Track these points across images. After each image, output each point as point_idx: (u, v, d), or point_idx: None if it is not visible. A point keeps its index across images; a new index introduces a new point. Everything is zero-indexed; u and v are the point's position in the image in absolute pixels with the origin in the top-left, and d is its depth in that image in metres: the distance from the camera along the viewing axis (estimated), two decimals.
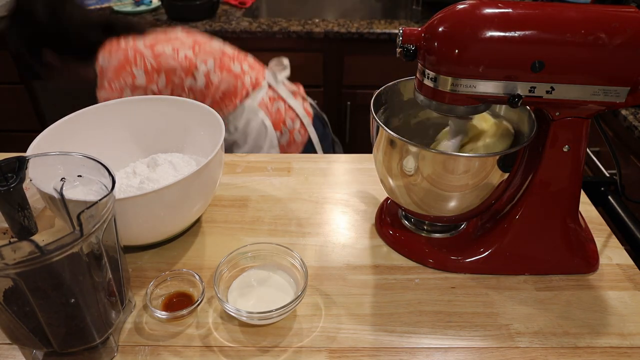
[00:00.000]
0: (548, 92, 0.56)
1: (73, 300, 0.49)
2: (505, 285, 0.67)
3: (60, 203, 0.56)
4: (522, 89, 0.56)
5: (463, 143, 0.67)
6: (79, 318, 0.51)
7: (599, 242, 0.73)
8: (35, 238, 0.48)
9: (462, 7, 0.55)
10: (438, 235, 0.73)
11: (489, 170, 0.60)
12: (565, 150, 0.62)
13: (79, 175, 0.57)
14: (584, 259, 0.69)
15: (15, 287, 0.46)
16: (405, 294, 0.66)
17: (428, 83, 0.58)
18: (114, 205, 0.53)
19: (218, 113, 0.75)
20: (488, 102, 0.58)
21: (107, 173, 0.54)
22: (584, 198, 0.83)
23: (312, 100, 1.41)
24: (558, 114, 0.60)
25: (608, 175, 0.93)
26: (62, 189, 0.57)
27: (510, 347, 0.59)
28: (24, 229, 0.56)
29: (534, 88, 0.56)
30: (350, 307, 0.64)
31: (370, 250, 0.73)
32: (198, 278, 0.64)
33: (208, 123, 0.76)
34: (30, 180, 0.55)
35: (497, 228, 0.69)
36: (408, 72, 0.67)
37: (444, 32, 0.55)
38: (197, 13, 1.85)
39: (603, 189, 0.84)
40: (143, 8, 1.94)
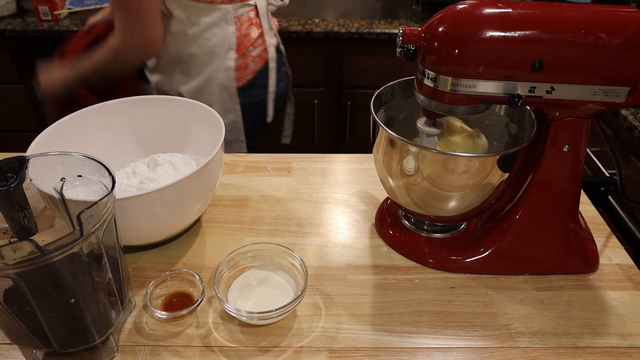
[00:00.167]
0: (548, 92, 0.56)
1: (73, 300, 0.49)
2: (505, 285, 0.67)
3: (60, 203, 0.56)
4: (522, 89, 0.56)
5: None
6: (79, 318, 0.51)
7: (599, 242, 0.73)
8: (35, 238, 0.48)
9: (462, 7, 0.55)
10: (438, 235, 0.73)
11: (489, 170, 0.60)
12: (565, 150, 0.62)
13: (79, 175, 0.57)
14: (584, 259, 0.69)
15: (15, 287, 0.46)
16: (405, 294, 0.66)
17: (428, 83, 0.58)
18: (114, 205, 0.53)
19: None
20: (488, 102, 0.58)
21: (107, 173, 0.54)
22: (584, 198, 0.83)
23: (282, 46, 1.33)
24: (558, 114, 0.60)
25: (608, 175, 0.93)
26: (62, 189, 0.57)
27: (510, 347, 0.59)
28: (24, 229, 0.56)
29: (534, 88, 0.56)
30: (350, 307, 0.64)
31: (370, 250, 0.73)
32: (198, 278, 0.64)
33: (208, 123, 0.76)
34: (30, 180, 0.55)
35: (497, 228, 0.69)
36: (408, 72, 0.67)
37: (444, 32, 0.55)
38: None
39: (603, 189, 0.84)
40: None
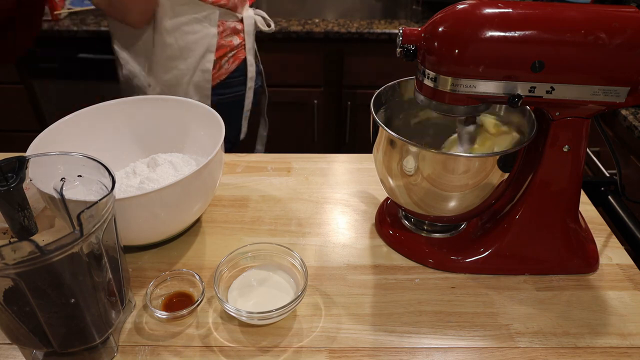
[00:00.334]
0: (548, 92, 0.56)
1: (73, 300, 0.49)
2: (505, 285, 0.67)
3: (60, 203, 0.56)
4: (522, 89, 0.56)
5: (473, 149, 0.67)
6: (79, 318, 0.51)
7: (599, 242, 0.73)
8: (35, 238, 0.48)
9: (462, 7, 0.55)
10: (438, 235, 0.73)
11: (489, 170, 0.60)
12: (565, 150, 0.62)
13: (79, 175, 0.57)
14: (584, 259, 0.69)
15: (15, 287, 0.46)
16: (405, 294, 0.66)
17: (428, 83, 0.58)
18: (114, 205, 0.53)
19: None
20: (488, 102, 0.58)
21: (107, 173, 0.54)
22: (584, 198, 0.83)
23: (262, 67, 1.32)
24: (558, 114, 0.60)
25: (608, 175, 0.93)
26: (62, 189, 0.57)
27: (510, 347, 0.59)
28: (24, 229, 0.56)
29: (534, 88, 0.56)
30: (350, 307, 0.64)
31: (370, 250, 0.73)
32: (198, 278, 0.64)
33: (208, 123, 0.76)
34: (30, 180, 0.55)
35: (497, 228, 0.69)
36: (408, 72, 0.67)
37: (444, 32, 0.55)
38: None
39: (603, 189, 0.84)
40: None
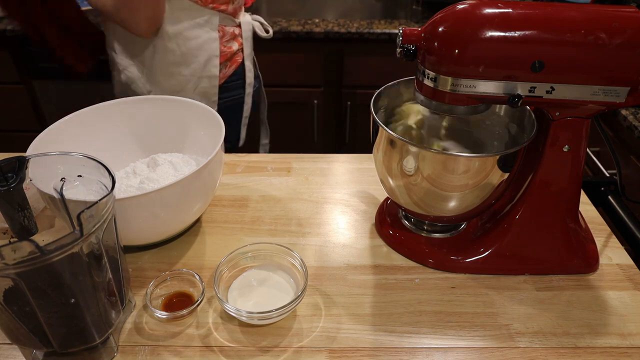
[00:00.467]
0: (548, 92, 0.56)
1: (73, 300, 0.49)
2: (505, 285, 0.67)
3: (60, 203, 0.56)
4: (522, 89, 0.56)
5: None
6: (79, 318, 0.51)
7: (599, 242, 0.73)
8: (35, 238, 0.48)
9: (462, 7, 0.55)
10: (438, 235, 0.73)
11: (489, 170, 0.60)
12: (565, 150, 0.62)
13: (79, 175, 0.57)
14: (584, 259, 0.69)
15: (15, 287, 0.46)
16: (405, 294, 0.66)
17: (428, 83, 0.58)
18: (114, 205, 0.53)
19: None
20: (488, 102, 0.58)
21: (107, 173, 0.54)
22: (584, 198, 0.83)
23: (259, 73, 1.36)
24: (558, 114, 0.60)
25: (608, 175, 0.93)
26: (62, 189, 0.57)
27: (510, 347, 0.59)
28: (24, 229, 0.56)
29: (534, 88, 0.56)
30: (350, 307, 0.64)
31: (370, 250, 0.73)
32: (198, 278, 0.64)
33: (208, 123, 0.76)
34: (30, 180, 0.55)
35: (497, 228, 0.69)
36: (408, 72, 0.67)
37: (444, 32, 0.55)
38: None
39: (603, 189, 0.84)
40: None
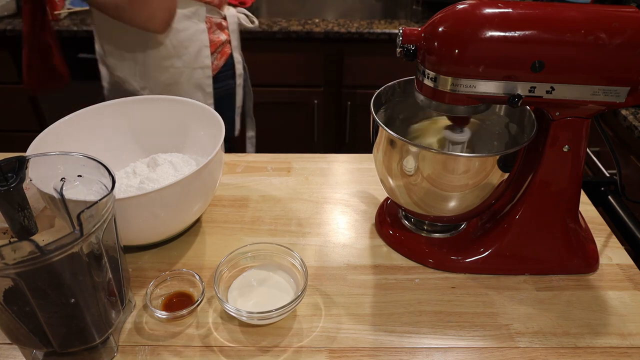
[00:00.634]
0: (548, 92, 0.56)
1: (73, 300, 0.49)
2: (505, 285, 0.67)
3: (60, 203, 0.56)
4: (522, 89, 0.56)
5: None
6: (79, 318, 0.51)
7: (599, 242, 0.73)
8: (35, 238, 0.48)
9: (462, 7, 0.55)
10: (438, 235, 0.73)
11: (489, 170, 0.60)
12: (565, 150, 0.62)
13: (79, 175, 0.57)
14: (584, 259, 0.69)
15: (15, 287, 0.46)
16: (405, 294, 0.66)
17: (428, 83, 0.58)
18: (114, 205, 0.53)
19: None
20: (488, 102, 0.58)
21: (107, 173, 0.54)
22: (584, 198, 0.83)
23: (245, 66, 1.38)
24: (558, 114, 0.60)
25: (608, 175, 0.93)
26: (62, 189, 0.57)
27: (510, 347, 0.59)
28: (24, 229, 0.56)
29: (534, 88, 0.56)
30: (350, 307, 0.64)
31: (370, 250, 0.73)
32: (198, 278, 0.64)
33: (208, 123, 0.76)
34: (30, 180, 0.55)
35: (497, 228, 0.69)
36: (408, 72, 0.67)
37: (444, 32, 0.55)
38: None
39: (603, 189, 0.84)
40: None
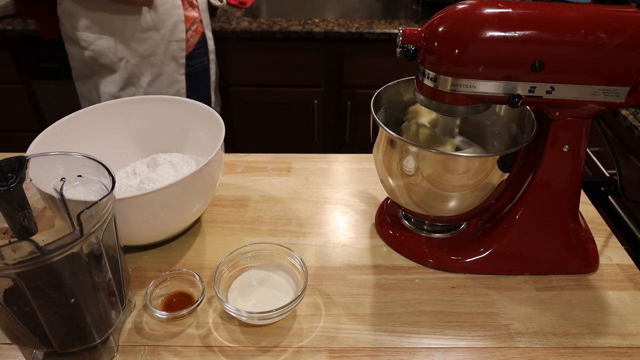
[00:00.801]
0: (548, 92, 0.56)
1: (73, 300, 0.49)
2: (505, 285, 0.67)
3: (60, 203, 0.56)
4: (522, 89, 0.56)
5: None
6: (79, 318, 0.51)
7: (599, 242, 0.73)
8: (35, 238, 0.48)
9: (462, 7, 0.55)
10: (438, 235, 0.73)
11: (489, 170, 0.60)
12: (565, 150, 0.62)
13: (79, 175, 0.57)
14: (584, 259, 0.69)
15: (15, 287, 0.46)
16: (405, 294, 0.66)
17: (428, 83, 0.58)
18: (114, 205, 0.53)
19: None
20: (488, 102, 0.58)
21: (107, 173, 0.54)
22: (584, 198, 0.83)
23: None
24: (558, 114, 0.60)
25: (608, 175, 0.93)
26: (62, 189, 0.57)
27: (510, 347, 0.59)
28: (24, 229, 0.56)
29: (534, 88, 0.56)
30: (350, 307, 0.64)
31: (370, 250, 0.73)
32: (198, 278, 0.64)
33: (208, 123, 0.76)
34: (30, 180, 0.55)
35: (497, 228, 0.69)
36: (408, 72, 0.67)
37: (444, 32, 0.55)
38: None
39: (603, 189, 0.84)
40: None
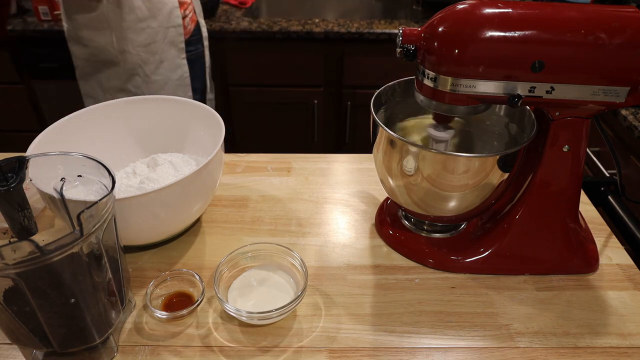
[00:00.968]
0: (548, 92, 0.56)
1: (73, 300, 0.49)
2: (505, 285, 0.67)
3: (60, 203, 0.56)
4: (522, 89, 0.56)
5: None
6: (79, 318, 0.51)
7: (599, 242, 0.73)
8: (35, 238, 0.48)
9: (462, 7, 0.55)
10: (438, 235, 0.73)
11: (489, 170, 0.60)
12: (565, 150, 0.62)
13: (79, 175, 0.57)
14: (584, 259, 0.69)
15: (15, 287, 0.46)
16: (405, 294, 0.66)
17: (428, 83, 0.58)
18: (114, 205, 0.53)
19: None
20: (488, 102, 0.58)
21: (107, 173, 0.54)
22: (584, 198, 0.83)
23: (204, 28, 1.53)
24: (558, 114, 0.60)
25: (608, 175, 0.93)
26: (62, 189, 0.57)
27: (510, 347, 0.59)
28: (24, 229, 0.56)
29: (534, 88, 0.56)
30: (350, 307, 0.64)
31: (370, 250, 0.73)
32: (198, 278, 0.64)
33: (208, 123, 0.76)
34: (30, 180, 0.55)
35: (497, 228, 0.69)
36: (408, 72, 0.67)
37: (444, 32, 0.55)
38: None
39: (603, 189, 0.84)
40: None
